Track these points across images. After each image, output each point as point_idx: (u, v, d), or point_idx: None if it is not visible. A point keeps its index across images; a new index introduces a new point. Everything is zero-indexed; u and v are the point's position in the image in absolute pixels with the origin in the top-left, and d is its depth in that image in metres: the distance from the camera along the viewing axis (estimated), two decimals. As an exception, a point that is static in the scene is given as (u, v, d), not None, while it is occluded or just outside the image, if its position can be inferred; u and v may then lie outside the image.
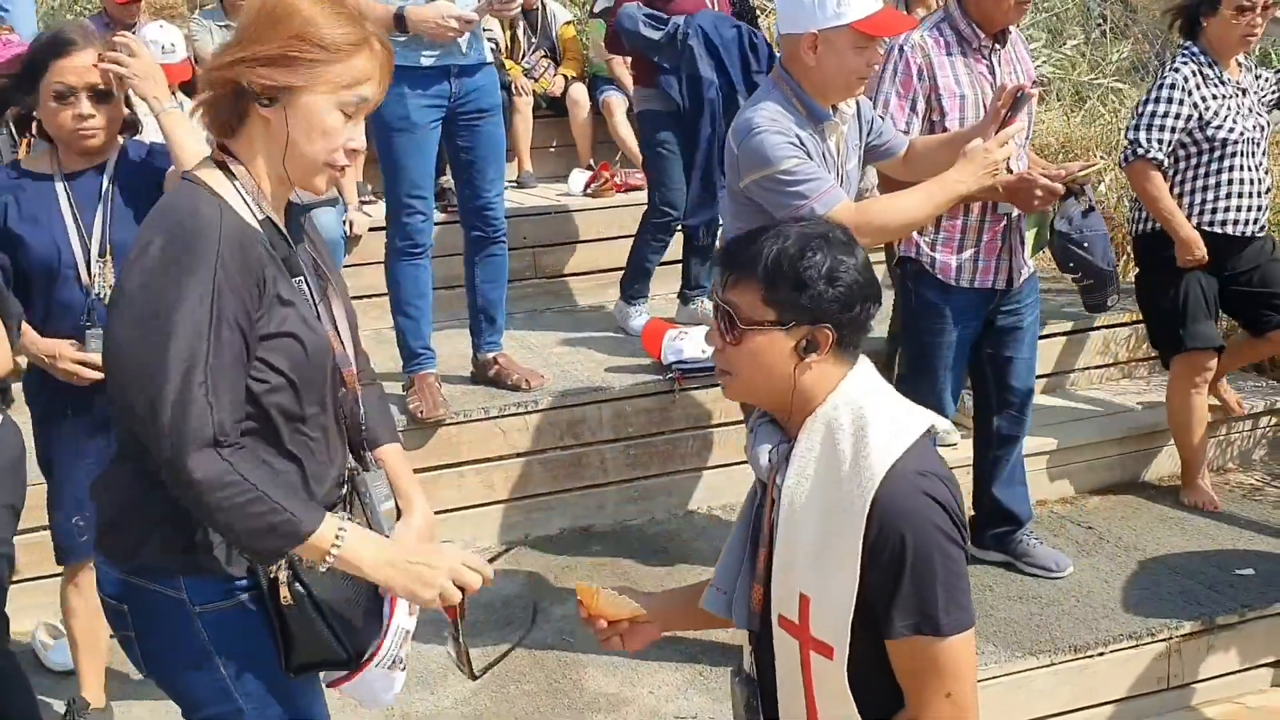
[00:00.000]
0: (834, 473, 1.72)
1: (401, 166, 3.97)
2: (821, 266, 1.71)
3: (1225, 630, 3.64)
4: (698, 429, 4.35)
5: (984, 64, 3.37)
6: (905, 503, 1.67)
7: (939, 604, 1.67)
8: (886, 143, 3.16)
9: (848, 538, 1.69)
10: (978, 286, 3.44)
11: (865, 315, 1.77)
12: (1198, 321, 4.12)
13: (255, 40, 1.76)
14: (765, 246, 1.74)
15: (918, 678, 1.70)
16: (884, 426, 1.73)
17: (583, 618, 2.02)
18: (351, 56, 1.79)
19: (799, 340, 1.73)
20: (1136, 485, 4.51)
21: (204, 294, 1.70)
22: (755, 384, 1.79)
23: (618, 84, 6.41)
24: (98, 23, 5.89)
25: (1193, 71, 4.01)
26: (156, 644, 1.90)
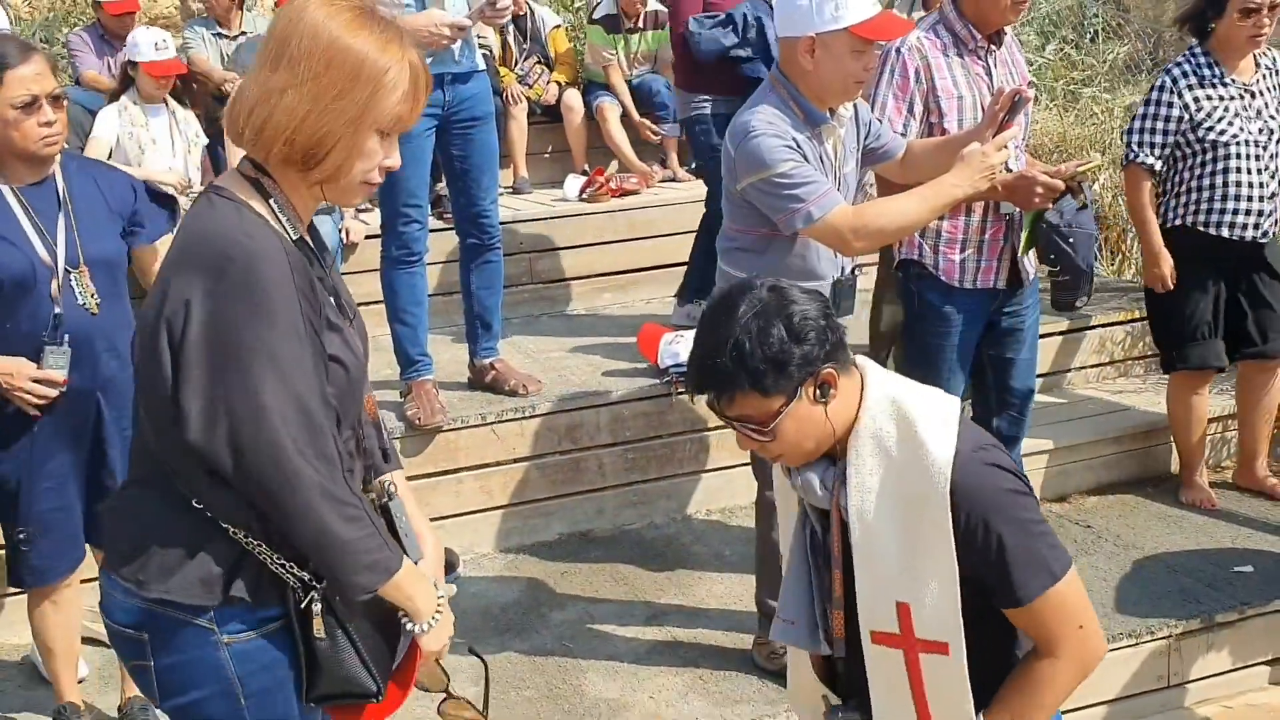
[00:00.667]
0: (899, 478, 1.80)
1: (397, 176, 3.96)
2: (783, 336, 1.77)
3: (1224, 628, 3.64)
4: (695, 432, 4.35)
5: (980, 65, 3.37)
6: (978, 482, 1.78)
7: (1046, 557, 1.79)
8: (884, 145, 3.17)
9: (937, 534, 1.77)
10: (980, 287, 3.44)
11: (837, 332, 1.84)
12: (1196, 341, 4.12)
13: (309, 78, 1.70)
14: (724, 358, 1.79)
15: (1048, 626, 1.81)
16: (928, 417, 1.81)
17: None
18: (402, 66, 1.75)
19: (812, 395, 1.81)
20: (1134, 484, 4.51)
21: (293, 322, 1.69)
22: (805, 447, 1.87)
23: (612, 89, 6.42)
24: (93, 34, 5.91)
25: (1185, 73, 4.02)
26: (178, 674, 1.85)
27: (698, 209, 5.72)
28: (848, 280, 3.10)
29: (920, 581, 1.78)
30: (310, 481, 1.69)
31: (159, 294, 1.74)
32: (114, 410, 2.94)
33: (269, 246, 1.72)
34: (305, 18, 1.72)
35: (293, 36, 1.71)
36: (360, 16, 1.73)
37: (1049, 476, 4.41)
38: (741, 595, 3.71)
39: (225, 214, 1.74)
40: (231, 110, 1.78)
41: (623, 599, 3.80)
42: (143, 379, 1.78)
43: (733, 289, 1.85)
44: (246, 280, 1.68)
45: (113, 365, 2.93)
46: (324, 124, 1.71)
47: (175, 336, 1.71)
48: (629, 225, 5.65)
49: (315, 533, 1.72)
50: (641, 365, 4.52)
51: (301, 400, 1.69)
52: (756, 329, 1.77)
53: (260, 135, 1.74)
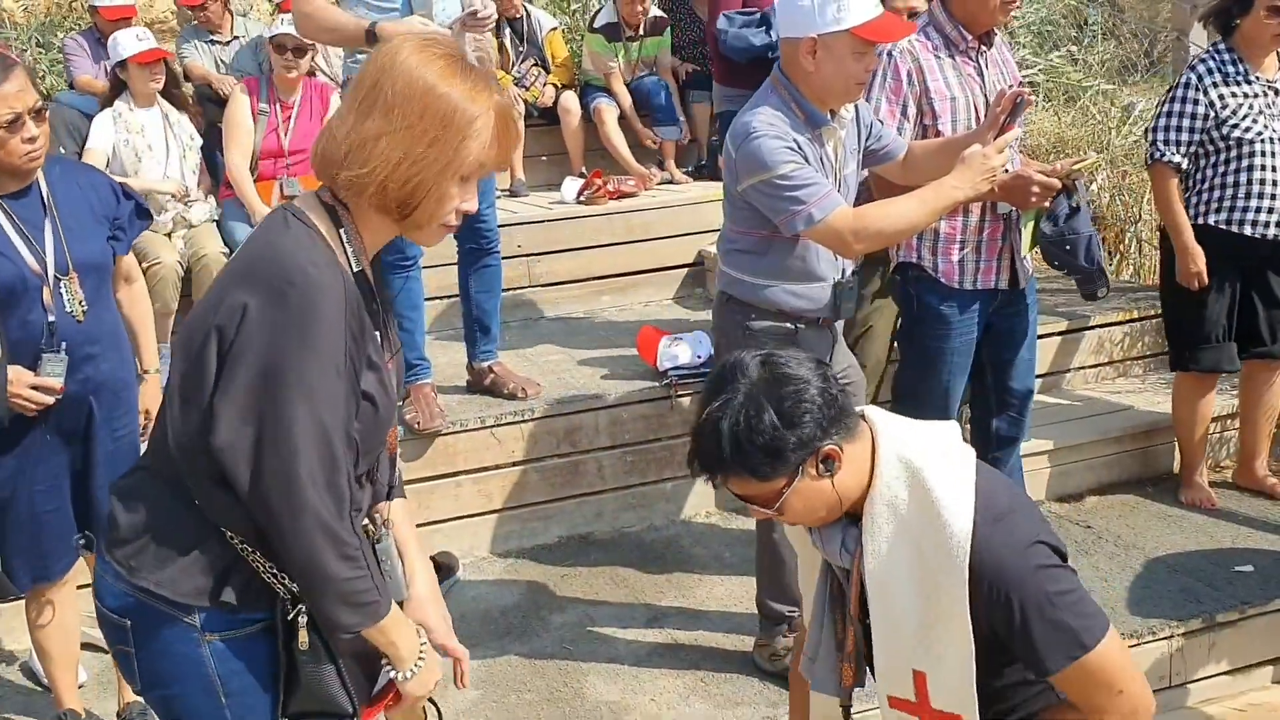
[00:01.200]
0: (916, 547, 1.77)
1: None
2: (774, 423, 1.74)
3: (1226, 628, 3.64)
4: (695, 435, 4.34)
5: (972, 65, 3.37)
6: (997, 557, 1.73)
7: (1074, 629, 1.75)
8: (885, 147, 3.16)
9: (954, 608, 1.74)
10: (980, 288, 3.43)
11: (835, 400, 1.79)
12: (1209, 345, 4.11)
13: (403, 125, 1.72)
14: (719, 443, 1.76)
15: (1086, 692, 1.78)
16: (943, 483, 1.77)
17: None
18: (488, 111, 1.77)
19: (816, 471, 1.78)
20: (1134, 484, 4.51)
21: (336, 358, 1.71)
22: (816, 517, 1.85)
23: (609, 91, 6.42)
24: (89, 38, 5.90)
25: (1209, 70, 4.00)
26: (159, 665, 1.86)
27: (696, 211, 5.74)
28: (848, 282, 3.09)
29: (936, 652, 1.76)
30: (314, 514, 1.72)
31: (215, 299, 1.77)
32: (104, 412, 2.96)
33: (331, 280, 1.73)
34: (398, 64, 1.74)
35: (386, 83, 1.73)
36: (452, 64, 1.75)
37: (1049, 477, 4.41)
38: (742, 597, 3.71)
39: (298, 238, 1.76)
40: (322, 151, 1.79)
41: (623, 601, 3.79)
42: (182, 375, 1.79)
43: (725, 368, 1.82)
44: (302, 310, 1.70)
45: (103, 369, 2.94)
46: (416, 171, 1.74)
47: (224, 345, 1.73)
48: (627, 228, 5.65)
49: (306, 563, 1.74)
50: (640, 368, 4.52)
51: (326, 434, 1.72)
52: (746, 418, 1.74)
53: (356, 181, 1.75)
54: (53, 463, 2.93)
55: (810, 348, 3.08)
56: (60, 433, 2.92)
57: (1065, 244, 3.51)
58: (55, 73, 6.86)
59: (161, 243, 4.86)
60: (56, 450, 2.93)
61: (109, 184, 3.08)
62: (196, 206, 5.06)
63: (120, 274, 3.11)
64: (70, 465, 2.96)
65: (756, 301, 3.05)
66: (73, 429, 2.93)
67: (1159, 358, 5.08)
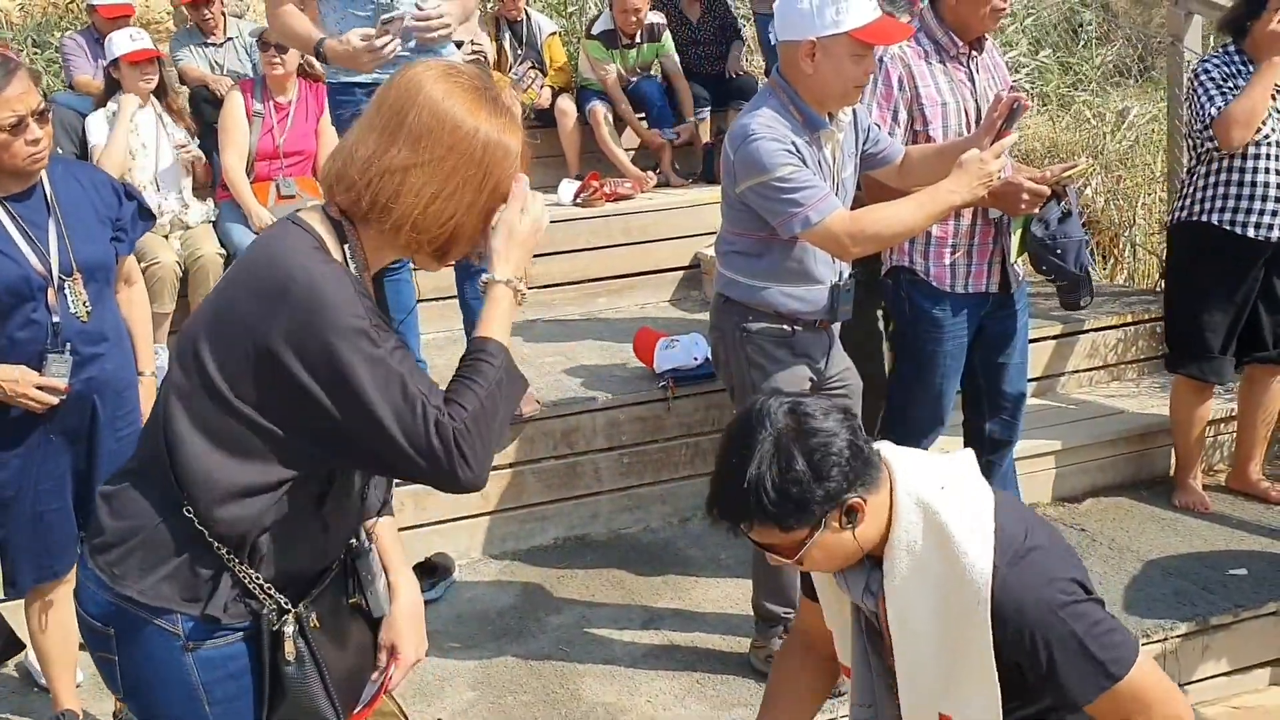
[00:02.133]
0: (937, 591, 1.77)
1: None
2: (805, 474, 1.73)
3: (1220, 630, 3.65)
4: (691, 436, 4.36)
5: (963, 71, 3.38)
6: (1019, 600, 1.73)
7: (1102, 661, 1.74)
8: (883, 150, 3.18)
9: (977, 653, 1.74)
10: (972, 291, 3.45)
11: (862, 452, 1.79)
12: (1206, 358, 4.12)
13: (430, 160, 1.70)
14: (746, 491, 1.75)
15: (1115, 713, 1.78)
16: (962, 527, 1.76)
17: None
18: (517, 142, 1.78)
19: (839, 522, 1.77)
20: (1128, 487, 4.53)
21: (361, 325, 1.67)
22: (836, 565, 1.85)
23: (609, 97, 6.42)
24: (87, 38, 5.90)
25: (1217, 65, 4.01)
26: (142, 673, 1.85)
27: (691, 214, 5.75)
28: (846, 285, 3.10)
29: (962, 695, 1.77)
30: (464, 431, 1.69)
31: (211, 309, 1.74)
32: (108, 412, 2.97)
33: (336, 272, 1.70)
34: (423, 92, 1.71)
35: (409, 110, 1.70)
36: (478, 96, 1.73)
37: (1043, 480, 4.42)
38: (738, 599, 3.72)
39: (297, 243, 1.72)
40: (337, 171, 1.75)
41: (619, 603, 3.80)
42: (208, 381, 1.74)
43: (750, 414, 1.80)
44: (309, 299, 1.67)
45: (106, 369, 2.95)
46: (452, 211, 1.73)
47: (263, 356, 1.69)
48: (623, 230, 5.66)
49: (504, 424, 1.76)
50: (637, 370, 4.52)
51: (406, 386, 1.68)
52: (777, 468, 1.72)
53: (387, 213, 1.73)
54: (56, 462, 2.94)
55: (807, 349, 3.11)
56: (64, 432, 2.92)
57: (1056, 249, 3.53)
58: (52, 73, 6.86)
59: (159, 243, 4.87)
60: (60, 450, 2.94)
61: (111, 184, 3.09)
62: (194, 207, 5.07)
63: (121, 275, 3.12)
64: (74, 464, 2.97)
65: (754, 303, 3.06)
66: (76, 428, 2.94)
67: (1153, 361, 5.09)
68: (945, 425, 3.64)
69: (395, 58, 3.62)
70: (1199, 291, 4.12)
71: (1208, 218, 4.07)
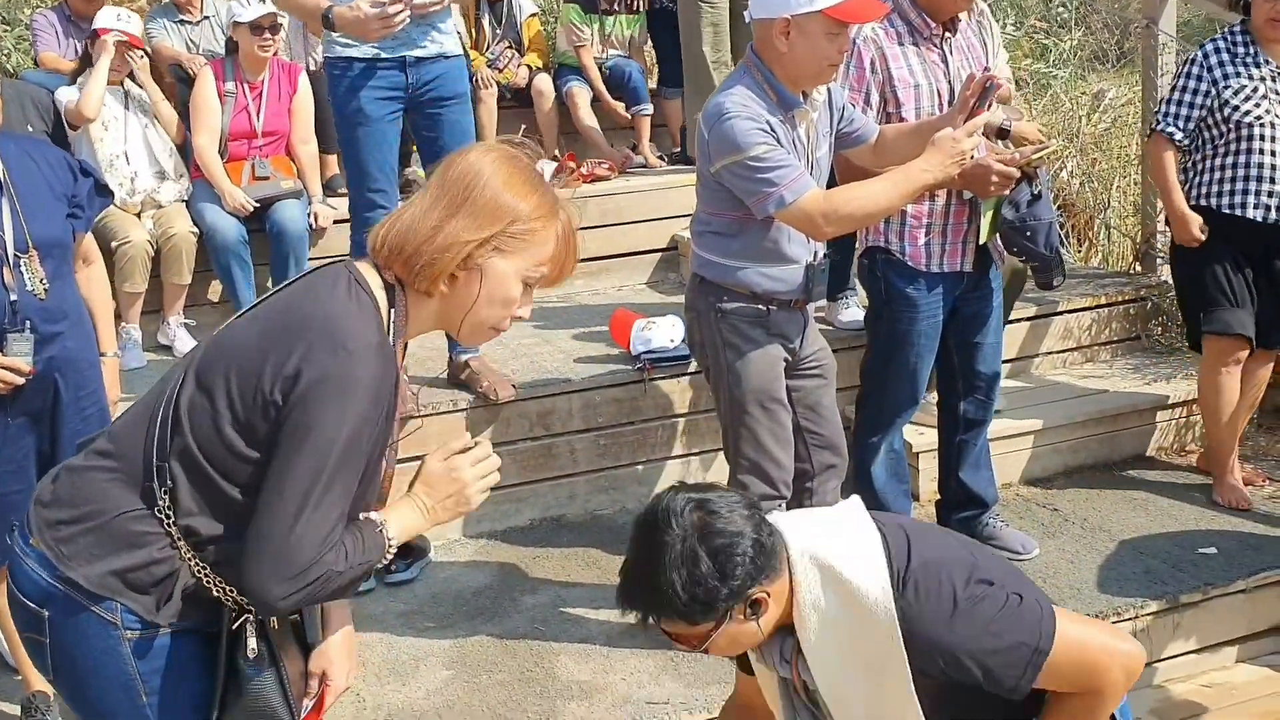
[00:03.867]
0: (850, 638, 1.82)
1: (359, 160, 3.90)
2: (710, 573, 1.78)
3: (1190, 608, 3.69)
4: (667, 418, 4.36)
5: (936, 53, 3.38)
6: (925, 629, 1.78)
7: (1023, 644, 1.78)
8: (857, 130, 3.18)
9: (896, 680, 1.79)
10: (946, 270, 3.46)
11: (765, 546, 1.83)
12: (1219, 305, 4.07)
13: (473, 224, 1.81)
14: (656, 591, 1.81)
15: (1071, 679, 1.81)
16: (855, 569, 1.81)
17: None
18: (549, 235, 1.87)
19: (744, 614, 1.84)
20: (1101, 467, 4.56)
21: (365, 434, 1.75)
22: (741, 650, 1.93)
23: (583, 72, 6.40)
24: (60, 16, 5.83)
25: (1216, 49, 4.02)
26: (75, 659, 1.84)
27: (669, 195, 5.73)
28: (820, 264, 3.11)
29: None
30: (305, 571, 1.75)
31: (261, 345, 1.78)
32: (71, 391, 2.94)
33: (384, 361, 1.78)
34: (486, 173, 1.84)
35: (475, 187, 1.83)
36: (533, 179, 1.87)
37: (1016, 460, 4.45)
38: (713, 579, 3.73)
39: (361, 311, 1.80)
40: (394, 239, 1.84)
41: (595, 583, 3.81)
42: (223, 402, 1.79)
43: (658, 511, 1.87)
44: (352, 384, 1.74)
45: (68, 347, 2.91)
46: (480, 255, 1.84)
47: (281, 393, 1.75)
48: (600, 212, 5.64)
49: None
50: (613, 352, 4.52)
51: (332, 526, 1.76)
52: (685, 571, 1.78)
53: (429, 269, 1.83)
54: (19, 444, 2.90)
55: (782, 329, 3.12)
56: (26, 414, 2.89)
57: (1026, 230, 3.54)
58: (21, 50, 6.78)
59: (131, 221, 4.83)
60: (23, 431, 2.90)
61: (67, 161, 3.04)
62: (166, 186, 5.03)
63: (79, 254, 3.07)
64: (37, 445, 2.93)
65: (729, 283, 3.06)
66: (39, 409, 2.90)
67: (1126, 343, 5.13)
68: (919, 404, 3.66)
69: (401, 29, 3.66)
70: (1206, 265, 4.08)
71: (1205, 202, 4.08)
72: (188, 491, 1.80)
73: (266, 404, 1.75)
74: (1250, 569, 3.80)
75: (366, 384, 1.74)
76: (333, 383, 1.72)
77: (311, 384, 1.72)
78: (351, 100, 3.79)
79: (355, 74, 3.77)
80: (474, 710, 3.19)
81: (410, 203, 1.88)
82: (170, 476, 1.79)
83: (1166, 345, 5.13)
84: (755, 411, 3.12)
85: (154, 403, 1.85)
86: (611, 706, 3.19)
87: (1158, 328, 5.24)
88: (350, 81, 3.78)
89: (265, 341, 1.78)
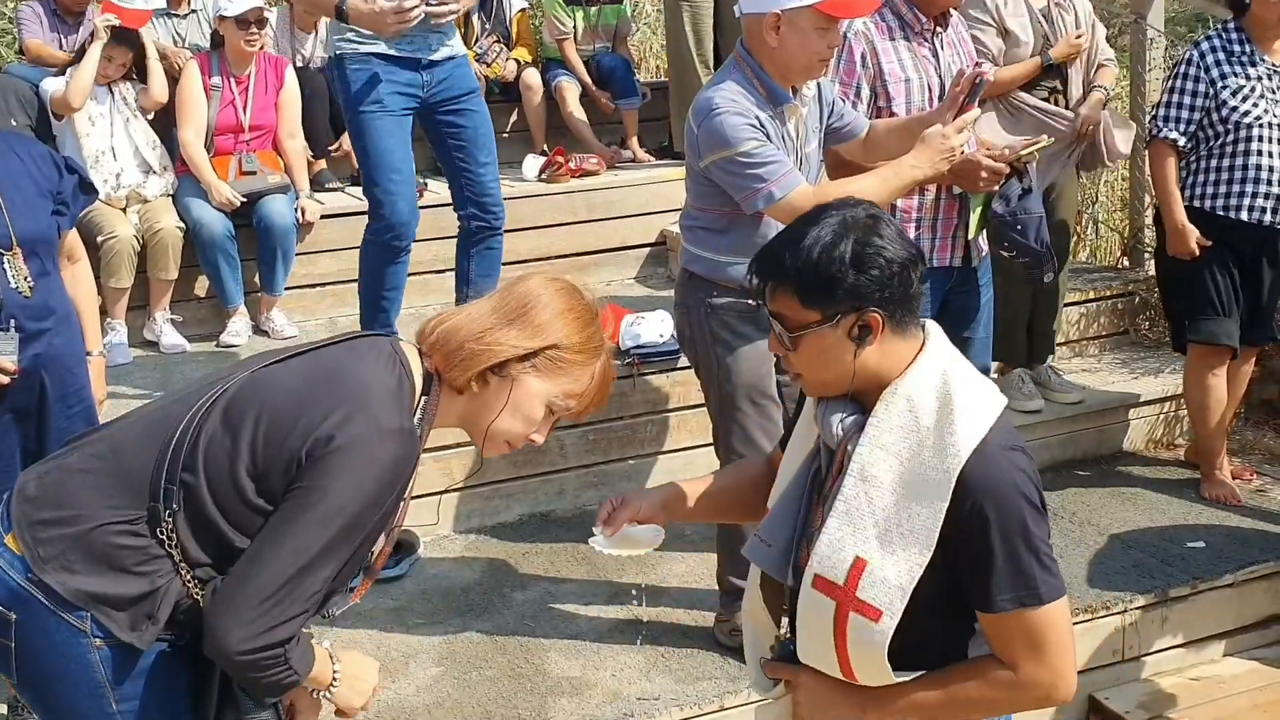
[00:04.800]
0: (915, 448, 1.74)
1: (379, 149, 3.84)
2: (846, 257, 1.72)
3: (1178, 602, 3.71)
4: (656, 413, 4.36)
5: (927, 47, 3.38)
6: (993, 475, 1.70)
7: (1035, 576, 1.71)
8: (847, 125, 3.17)
9: (927, 513, 1.71)
10: (938, 265, 3.46)
11: (908, 287, 1.76)
12: (1205, 315, 4.07)
13: (520, 335, 1.89)
14: (788, 250, 1.75)
15: (1014, 646, 1.74)
16: (970, 404, 1.74)
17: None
18: (586, 372, 1.93)
19: (849, 330, 1.74)
20: (1089, 462, 4.58)
21: (373, 514, 1.79)
22: (825, 380, 1.82)
23: (566, 63, 6.38)
24: (45, 8, 5.78)
25: (1212, 48, 3.99)
26: (41, 664, 1.82)
27: (658, 190, 5.72)
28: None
29: (890, 548, 1.73)
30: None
31: (298, 402, 1.80)
32: (57, 389, 2.92)
33: (413, 449, 1.84)
34: (545, 300, 1.92)
35: (535, 307, 1.91)
36: (586, 316, 1.95)
37: (1006, 455, 4.45)
38: (703, 574, 3.73)
39: (402, 396, 1.86)
40: (444, 336, 1.92)
41: (584, 579, 3.80)
42: (246, 442, 1.80)
43: (836, 204, 1.81)
44: (383, 483, 1.78)
45: (54, 344, 2.89)
46: (512, 374, 1.90)
47: (307, 450, 1.77)
48: (588, 206, 5.63)
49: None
50: (602, 346, 4.51)
51: (315, 592, 1.77)
52: (827, 238, 1.72)
53: (466, 362, 1.89)
54: (5, 441, 2.89)
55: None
56: (12, 411, 2.87)
57: (1016, 224, 3.54)
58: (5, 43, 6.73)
59: (116, 217, 4.80)
60: (8, 429, 2.89)
61: (51, 157, 3.02)
62: (151, 180, 5.00)
63: (64, 251, 3.04)
64: (22, 443, 2.92)
65: (719, 278, 3.06)
66: (25, 407, 2.89)
67: (1114, 338, 5.14)
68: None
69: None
70: (1195, 271, 4.06)
71: (1198, 204, 4.05)
72: (184, 520, 1.80)
73: (291, 459, 1.76)
74: (1238, 563, 3.81)
75: (389, 466, 1.78)
76: (359, 456, 1.75)
77: (339, 450, 1.74)
78: (370, 92, 3.77)
79: (374, 68, 3.77)
80: (464, 707, 3.19)
81: (466, 305, 1.97)
82: (177, 500, 1.79)
83: (1154, 340, 5.15)
84: (746, 407, 3.11)
85: (169, 424, 1.84)
86: (601, 702, 3.19)
87: (1145, 322, 5.26)
88: (369, 75, 3.77)
89: (304, 395, 1.81)
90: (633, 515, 2.07)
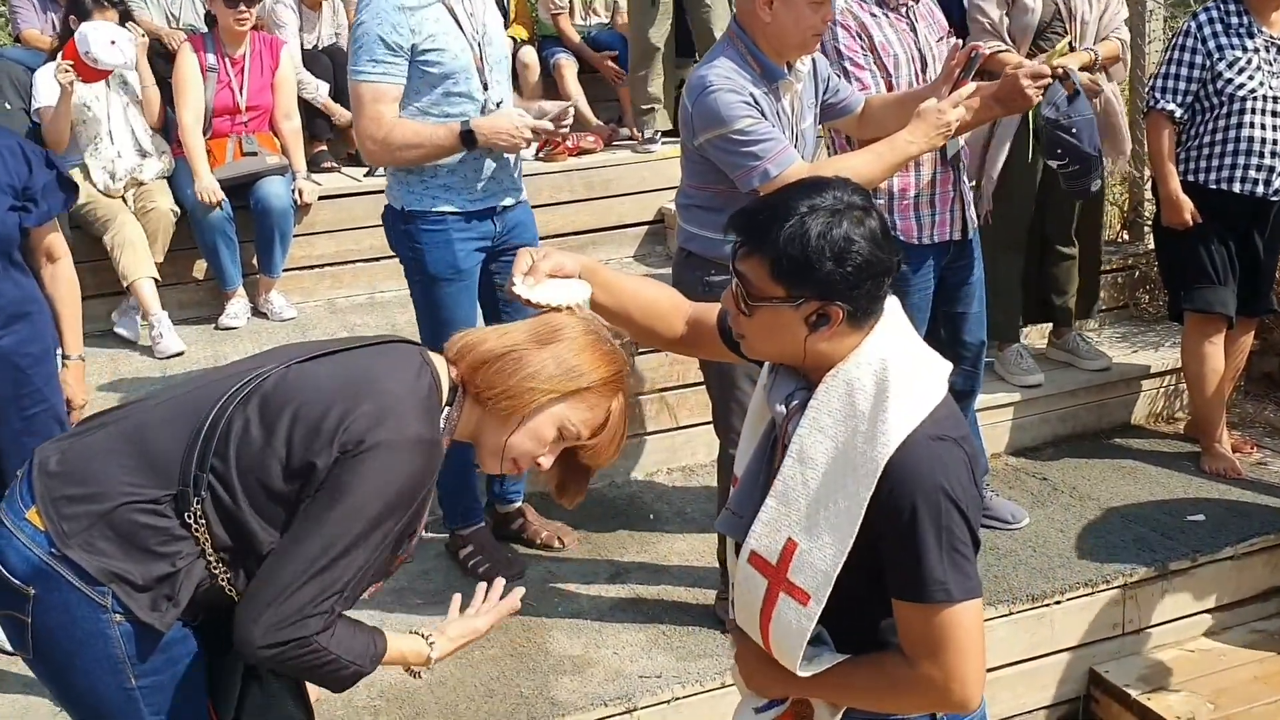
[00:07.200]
0: (849, 432, 1.72)
1: (450, 319, 3.40)
2: (831, 245, 1.68)
3: (1178, 575, 3.71)
4: (657, 392, 4.36)
5: (904, 21, 3.36)
6: (915, 466, 1.68)
7: (945, 571, 1.68)
8: (843, 100, 3.16)
9: (853, 498, 1.70)
10: (936, 241, 3.45)
11: (877, 290, 1.74)
12: (1202, 283, 4.06)
13: (552, 380, 1.91)
14: (775, 220, 1.71)
15: (915, 637, 1.71)
16: (905, 391, 1.72)
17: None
18: (603, 404, 1.97)
19: (808, 315, 1.72)
20: (1089, 436, 4.58)
21: (395, 517, 1.81)
22: (769, 351, 1.81)
23: (563, 39, 6.35)
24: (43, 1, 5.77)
25: (1210, 19, 3.96)
26: (60, 640, 1.82)
27: (656, 168, 5.71)
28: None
29: (818, 532, 1.72)
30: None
31: (326, 402, 1.82)
32: (9, 388, 2.84)
33: (438, 459, 1.87)
34: (576, 335, 1.97)
35: (565, 339, 1.95)
36: (613, 355, 2.00)
37: (1005, 430, 4.46)
38: (703, 552, 3.73)
39: (431, 406, 1.88)
40: (474, 347, 1.95)
41: (585, 557, 3.81)
42: (284, 437, 1.83)
43: (840, 182, 1.78)
44: (405, 490, 1.81)
45: (7, 341, 2.82)
46: (535, 399, 1.92)
47: (337, 449, 1.80)
48: (586, 185, 5.62)
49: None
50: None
51: (339, 590, 1.80)
52: (815, 221, 1.68)
53: (498, 385, 1.91)
54: None
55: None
56: None
57: (1071, 128, 3.49)
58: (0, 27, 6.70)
59: (119, 208, 4.79)
60: None
61: (22, 149, 2.89)
62: (149, 163, 4.98)
63: (40, 250, 2.94)
64: None
65: (716, 257, 3.05)
66: None
67: (1114, 311, 5.13)
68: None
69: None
70: (1191, 241, 4.06)
71: (1193, 177, 4.04)
72: (211, 505, 1.82)
73: (321, 457, 1.79)
74: (1238, 535, 3.82)
75: (414, 474, 1.81)
76: (387, 461, 1.78)
77: (368, 452, 1.77)
78: (445, 254, 3.41)
79: (449, 228, 3.41)
80: (466, 686, 3.20)
81: (496, 326, 2.01)
82: (206, 487, 1.81)
83: (1154, 314, 5.14)
84: (745, 385, 3.11)
85: (200, 410, 1.86)
86: (603, 680, 3.20)
87: (1145, 296, 5.24)
88: (446, 236, 3.41)
89: (338, 396, 1.82)
90: (554, 269, 2.03)
